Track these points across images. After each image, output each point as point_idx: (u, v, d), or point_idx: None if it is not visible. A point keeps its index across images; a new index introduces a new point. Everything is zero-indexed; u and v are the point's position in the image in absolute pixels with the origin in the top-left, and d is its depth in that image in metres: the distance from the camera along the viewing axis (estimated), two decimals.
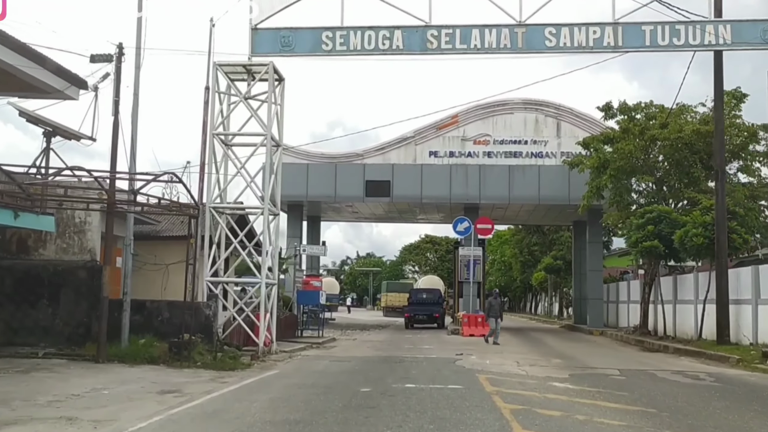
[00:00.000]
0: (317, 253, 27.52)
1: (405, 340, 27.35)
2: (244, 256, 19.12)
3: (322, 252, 27.61)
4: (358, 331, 34.67)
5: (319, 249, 27.85)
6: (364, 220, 45.21)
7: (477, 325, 31.14)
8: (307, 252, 26.75)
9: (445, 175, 35.86)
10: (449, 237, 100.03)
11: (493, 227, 33.85)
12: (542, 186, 35.35)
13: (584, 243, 42.07)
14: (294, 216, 38.20)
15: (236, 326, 19.38)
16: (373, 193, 36.01)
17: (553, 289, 55.86)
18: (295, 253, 26.70)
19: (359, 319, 51.44)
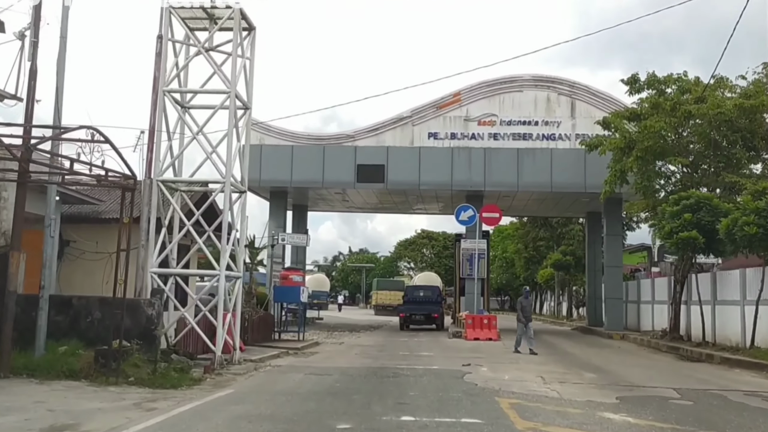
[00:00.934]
0: (299, 243, 23.83)
1: (400, 345, 23.77)
2: (201, 243, 15.47)
3: (304, 242, 23.91)
4: (346, 332, 31.07)
5: (300, 238, 24.13)
6: (356, 210, 41.55)
7: (482, 327, 27.61)
8: (287, 241, 23.10)
9: (446, 159, 32.26)
10: (447, 232, 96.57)
11: (501, 216, 30.29)
12: (555, 172, 31.78)
13: (599, 236, 38.48)
14: (277, 204, 34.55)
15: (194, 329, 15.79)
16: (366, 179, 32.39)
17: (560, 288, 52.30)
18: (273, 243, 23.07)
19: (350, 319, 47.82)
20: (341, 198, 36.52)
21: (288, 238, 23.03)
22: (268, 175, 32.58)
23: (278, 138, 32.91)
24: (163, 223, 15.68)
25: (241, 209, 16.30)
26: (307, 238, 23.48)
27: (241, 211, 16.33)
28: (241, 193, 16.17)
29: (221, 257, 14.92)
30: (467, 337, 27.16)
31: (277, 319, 23.53)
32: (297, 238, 23.74)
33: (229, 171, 15.03)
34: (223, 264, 14.89)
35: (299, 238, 23.78)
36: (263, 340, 21.49)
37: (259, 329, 21.18)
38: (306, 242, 23.49)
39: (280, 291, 22.61)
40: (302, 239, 23.86)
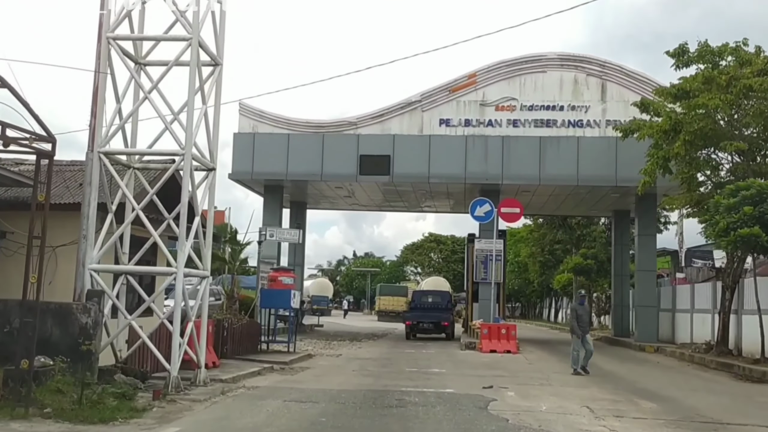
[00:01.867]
0: (289, 239, 20.64)
1: (406, 358, 20.69)
2: (154, 234, 12.38)
3: (296, 238, 20.71)
4: (346, 342, 27.99)
5: (292, 234, 20.94)
6: (358, 207, 38.39)
7: (500, 337, 24.51)
8: (276, 237, 19.97)
9: (459, 148, 29.18)
10: (455, 236, 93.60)
11: (521, 211, 27.15)
12: (582, 163, 28.63)
13: (627, 238, 35.44)
14: (272, 200, 31.52)
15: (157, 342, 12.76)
16: (369, 171, 29.33)
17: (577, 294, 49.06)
18: (261, 239, 20.00)
19: (352, 326, 44.72)
20: (342, 194, 33.46)
21: (277, 234, 19.95)
22: (261, 167, 29.64)
23: (273, 125, 29.93)
24: (110, 207, 12.62)
25: (210, 191, 13.22)
26: (300, 234, 20.33)
27: (209, 193, 13.25)
28: (209, 171, 13.08)
29: (179, 250, 11.85)
30: (482, 349, 24.08)
31: (266, 328, 20.47)
32: (288, 233, 20.62)
33: (190, 140, 11.95)
34: (181, 259, 11.82)
35: (290, 234, 20.65)
36: (247, 352, 18.45)
37: (242, 340, 18.15)
38: (298, 238, 20.35)
39: (268, 295, 19.56)
40: (294, 235, 20.73)
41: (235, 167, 29.73)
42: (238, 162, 29.72)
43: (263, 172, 29.73)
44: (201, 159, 12.75)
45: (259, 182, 30.80)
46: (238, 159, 29.73)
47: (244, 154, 29.71)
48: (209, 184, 13.09)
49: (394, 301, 59.39)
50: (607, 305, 43.15)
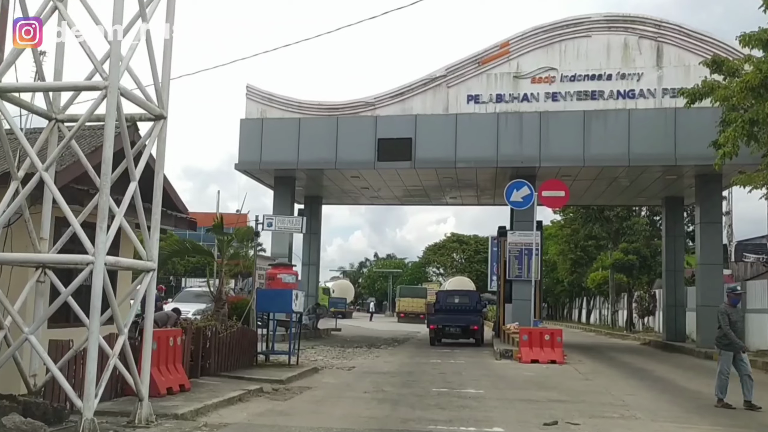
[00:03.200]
0: (290, 229, 16.47)
1: (432, 373, 16.60)
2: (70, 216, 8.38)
3: (298, 226, 16.51)
4: (363, 349, 24.00)
5: (293, 222, 16.72)
6: (378, 201, 34.20)
7: (542, 344, 20.38)
8: (276, 226, 15.83)
9: (490, 127, 25.08)
10: (478, 236, 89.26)
11: (567, 195, 22.83)
12: (634, 139, 24.33)
13: (680, 228, 31.20)
14: (283, 194, 27.59)
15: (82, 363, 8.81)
16: (389, 156, 25.33)
17: (615, 293, 44.59)
18: (257, 230, 15.99)
19: (371, 329, 40.69)
20: (360, 185, 29.44)
21: (277, 222, 15.90)
22: (270, 155, 25.84)
23: (283, 109, 26.09)
24: (14, 173, 8.69)
25: (158, 148, 9.23)
26: (303, 222, 16.16)
27: (157, 151, 9.27)
28: (156, 119, 9.08)
29: (98, 229, 7.83)
30: (522, 358, 19.97)
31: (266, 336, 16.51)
32: (289, 221, 16.48)
33: (116, 67, 7.93)
34: (99, 243, 7.80)
35: (292, 222, 16.51)
36: (239, 366, 14.51)
37: (231, 352, 14.18)
38: (301, 227, 16.19)
39: (265, 296, 15.57)
40: (296, 223, 16.55)
41: (242, 156, 25.93)
42: (245, 150, 25.94)
43: (272, 161, 25.90)
44: (141, 100, 8.75)
45: (269, 173, 26.92)
46: (245, 147, 25.95)
47: (251, 141, 25.91)
48: (157, 137, 9.09)
49: (413, 303, 58.71)
50: (650, 305, 38.75)
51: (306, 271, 31.56)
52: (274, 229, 15.82)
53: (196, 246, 14.23)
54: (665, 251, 31.36)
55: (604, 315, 50.30)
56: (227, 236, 14.87)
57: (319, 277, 32.79)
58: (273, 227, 15.86)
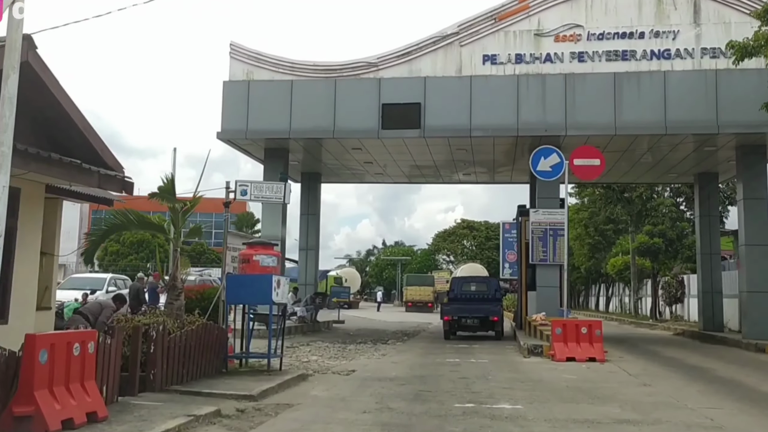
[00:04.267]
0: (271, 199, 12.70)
1: (451, 378, 13.03)
2: None
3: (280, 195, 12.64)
4: (368, 345, 20.52)
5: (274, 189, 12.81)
6: (383, 179, 30.45)
7: (579, 339, 16.78)
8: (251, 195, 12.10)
9: (509, 91, 21.56)
10: (489, 222, 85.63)
11: (602, 164, 19.03)
12: (671, 104, 20.91)
13: (715, 207, 27.59)
14: (274, 168, 23.92)
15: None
16: (394, 123, 21.77)
17: (637, 280, 40.80)
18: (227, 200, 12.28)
19: (379, 321, 37.13)
20: (363, 159, 25.85)
21: (253, 189, 12.21)
22: (258, 123, 22.25)
23: (272, 70, 22.51)
24: None
25: None
26: (286, 189, 12.50)
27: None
28: None
29: None
30: (555, 356, 16.42)
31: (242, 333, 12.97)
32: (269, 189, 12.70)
33: None
34: None
35: (271, 189, 12.76)
36: (201, 375, 11.04)
37: (190, 357, 10.68)
38: (283, 195, 12.53)
39: (237, 284, 12.03)
40: (277, 191, 12.78)
41: (226, 124, 22.31)
42: (229, 117, 22.33)
43: (261, 129, 22.29)
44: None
45: (258, 144, 23.36)
46: (229, 113, 22.35)
47: (236, 107, 22.32)
48: None
49: (421, 291, 57.02)
50: (678, 292, 35.06)
51: (304, 256, 28.08)
52: (249, 199, 12.25)
53: (143, 218, 10.66)
54: (699, 232, 27.69)
55: (625, 303, 46.53)
56: (184, 205, 11.23)
57: (319, 263, 29.15)
58: (247, 196, 12.27)
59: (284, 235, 23.76)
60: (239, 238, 12.30)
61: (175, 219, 10.78)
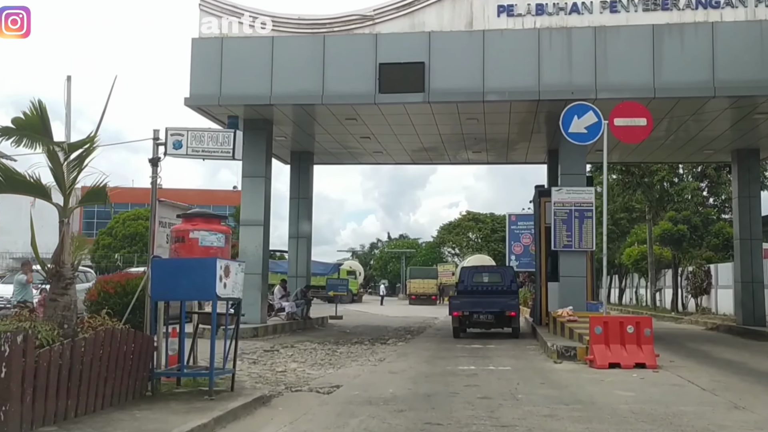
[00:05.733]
0: (212, 153, 8.85)
1: (467, 398, 9.17)
2: None
3: (225, 149, 8.78)
4: (365, 345, 16.72)
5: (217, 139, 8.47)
6: (383, 158, 26.27)
7: (623, 340, 12.91)
8: (188, 148, 8.23)
9: (529, 47, 17.66)
10: (494, 213, 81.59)
11: (650, 124, 14.91)
12: (720, 61, 17.02)
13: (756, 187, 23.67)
14: (255, 142, 19.97)
15: None
16: (394, 87, 17.83)
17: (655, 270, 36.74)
18: (156, 156, 8.30)
19: (382, 316, 33.22)
20: (358, 134, 21.97)
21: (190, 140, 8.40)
22: (234, 88, 18.33)
23: (251, 25, 18.53)
24: None
25: None
26: (235, 141, 8.59)
27: None
28: None
29: None
30: (595, 361, 12.57)
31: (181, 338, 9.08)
32: (209, 139, 8.64)
33: None
34: None
35: (215, 140, 8.81)
36: (107, 403, 7.22)
37: (91, 377, 6.89)
38: (231, 149, 8.56)
39: (165, 272, 8.16)
40: (224, 143, 8.85)
41: (195, 88, 18.34)
42: (198, 81, 18.36)
43: (236, 94, 18.37)
44: None
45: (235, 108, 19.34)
46: (199, 76, 18.39)
47: (207, 68, 18.39)
48: None
49: (425, 284, 54.94)
50: (705, 283, 31.13)
51: (294, 245, 24.23)
52: (184, 153, 8.38)
53: (12, 174, 6.79)
54: (738, 216, 23.74)
55: (641, 295, 42.50)
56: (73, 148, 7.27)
57: (311, 253, 25.26)
58: (183, 149, 8.40)
59: (268, 218, 19.94)
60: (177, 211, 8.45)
61: (57, 172, 6.95)
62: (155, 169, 8.66)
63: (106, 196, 7.37)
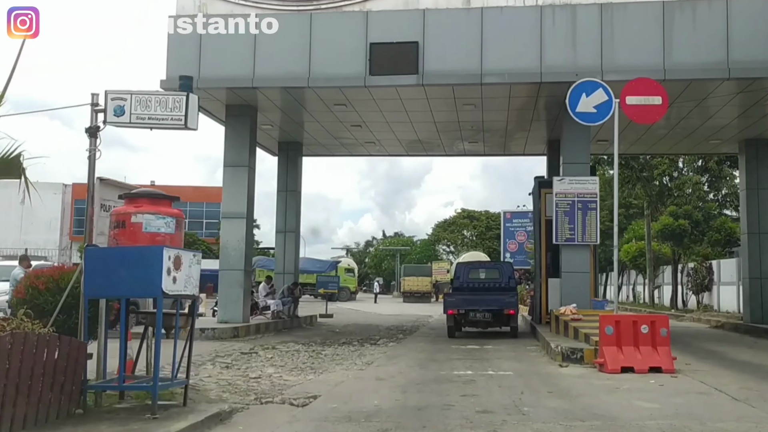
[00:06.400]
0: (159, 120, 7.31)
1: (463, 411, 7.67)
2: None
3: (177, 116, 7.28)
4: (353, 346, 15.20)
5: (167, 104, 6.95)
6: (376, 150, 24.77)
7: (637, 341, 11.42)
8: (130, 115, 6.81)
9: (530, 26, 16.15)
10: (489, 211, 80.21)
11: (666, 102, 13.31)
12: (735, 39, 15.53)
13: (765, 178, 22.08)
14: (238, 131, 18.51)
15: None
16: (386, 68, 16.29)
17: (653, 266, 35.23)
18: (94, 127, 6.78)
19: (374, 314, 31.65)
20: (349, 122, 20.43)
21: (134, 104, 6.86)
22: (213, 70, 16.74)
23: (232, 2, 16.92)
24: None
25: None
26: (186, 104, 7.05)
27: None
28: None
29: None
30: (606, 365, 11.07)
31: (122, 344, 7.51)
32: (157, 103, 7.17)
33: None
34: None
35: (165, 106, 7.27)
36: (27, 424, 5.64)
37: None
38: (184, 117, 7.09)
39: (100, 263, 6.62)
40: (173, 107, 7.26)
41: (171, 71, 16.63)
42: (175, 62, 16.68)
43: (217, 77, 16.78)
44: None
45: (216, 98, 17.91)
46: (176, 57, 16.75)
47: (185, 49, 16.79)
48: None
49: (419, 282, 53.97)
50: (707, 279, 29.69)
51: (281, 240, 22.68)
52: (127, 122, 6.84)
53: None
54: (746, 208, 22.30)
55: (638, 292, 41.02)
56: None
57: (299, 248, 23.71)
58: (125, 116, 6.87)
59: (251, 210, 18.41)
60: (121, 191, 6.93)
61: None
62: (93, 141, 7.10)
63: (18, 166, 5.82)
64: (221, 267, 18.12)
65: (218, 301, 17.89)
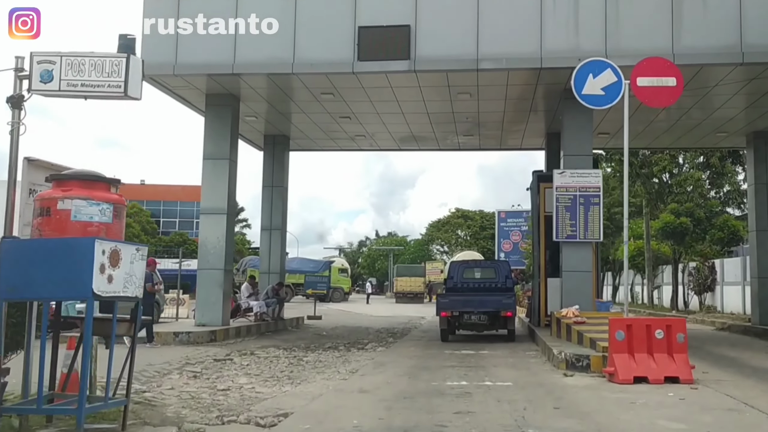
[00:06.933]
0: (99, 89, 6.46)
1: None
2: None
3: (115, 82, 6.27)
4: (339, 351, 13.95)
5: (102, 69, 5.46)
6: (366, 144, 23.46)
7: (651, 348, 10.18)
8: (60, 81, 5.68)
9: (530, 7, 14.92)
10: (483, 210, 79.03)
11: (680, 84, 12.13)
12: (748, 23, 14.39)
13: None
14: (219, 120, 17.25)
15: None
16: (375, 53, 15.03)
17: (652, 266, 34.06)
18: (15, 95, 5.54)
19: (366, 315, 30.35)
20: (337, 113, 19.17)
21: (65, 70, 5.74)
22: (191, 56, 15.46)
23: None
24: None
25: None
26: (130, 69, 6.02)
27: None
28: None
29: None
30: (617, 375, 9.83)
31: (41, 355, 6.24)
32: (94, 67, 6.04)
33: None
34: None
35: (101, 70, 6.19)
36: None
37: None
38: (124, 83, 5.96)
39: (15, 258, 5.33)
40: (110, 72, 6.21)
41: (147, 55, 15.18)
42: (150, 46, 15.36)
43: (195, 62, 15.50)
44: None
45: (195, 86, 16.65)
46: (152, 43, 15.45)
47: (160, 31, 15.51)
48: None
49: (411, 282, 52.96)
50: (709, 279, 28.53)
51: (267, 237, 21.39)
52: (57, 90, 5.60)
53: None
54: (754, 205, 21.13)
55: (637, 292, 39.82)
56: None
57: (286, 246, 22.44)
58: (54, 83, 5.59)
59: (233, 206, 17.14)
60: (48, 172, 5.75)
61: None
62: (16, 113, 5.84)
63: None
64: (199, 266, 16.83)
65: (196, 302, 16.61)
